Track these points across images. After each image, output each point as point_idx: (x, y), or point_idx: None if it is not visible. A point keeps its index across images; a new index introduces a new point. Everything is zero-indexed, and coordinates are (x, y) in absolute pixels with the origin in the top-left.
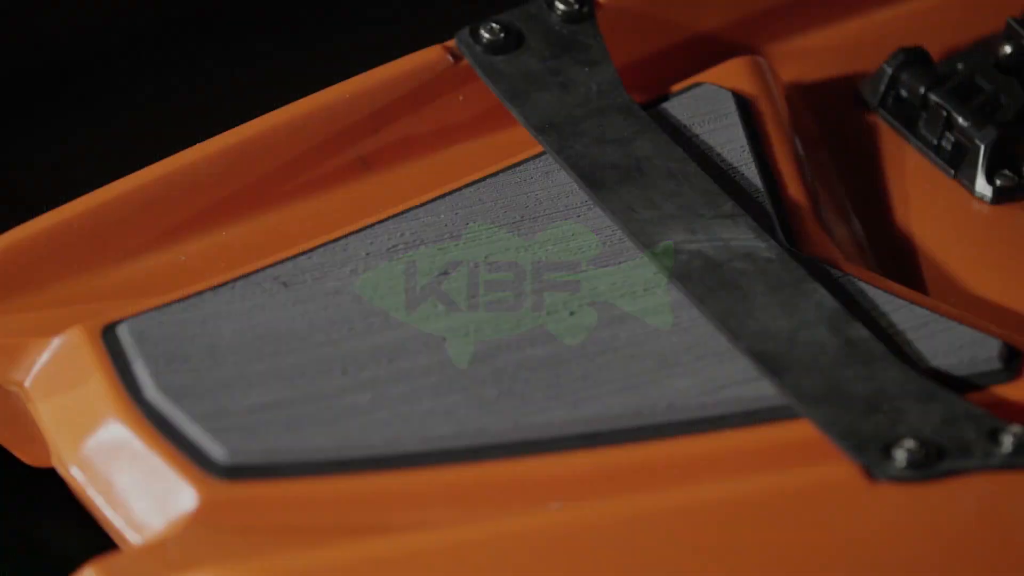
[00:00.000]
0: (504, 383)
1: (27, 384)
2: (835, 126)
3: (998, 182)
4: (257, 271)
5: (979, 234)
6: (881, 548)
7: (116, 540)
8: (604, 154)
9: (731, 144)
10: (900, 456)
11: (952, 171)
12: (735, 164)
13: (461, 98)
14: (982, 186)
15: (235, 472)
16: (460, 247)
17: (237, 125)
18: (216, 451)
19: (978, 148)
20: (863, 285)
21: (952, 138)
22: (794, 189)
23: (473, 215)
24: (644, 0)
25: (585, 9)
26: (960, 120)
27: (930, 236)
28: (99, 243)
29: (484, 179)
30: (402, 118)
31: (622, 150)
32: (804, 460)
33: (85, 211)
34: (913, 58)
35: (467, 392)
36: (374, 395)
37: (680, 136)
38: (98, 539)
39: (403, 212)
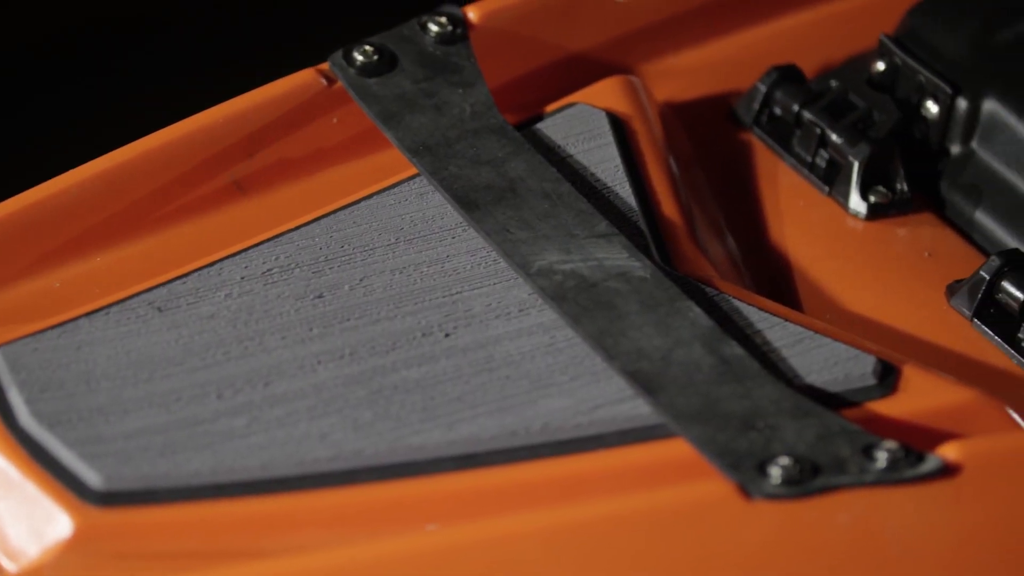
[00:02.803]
0: (379, 405)
1: None
2: (709, 144)
3: (872, 199)
4: (131, 296)
5: (854, 251)
6: (757, 566)
7: None
8: (478, 175)
9: (605, 164)
10: (775, 473)
11: (826, 188)
12: (609, 184)
13: (335, 121)
14: (856, 203)
15: (110, 498)
16: (335, 270)
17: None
18: (91, 477)
19: (852, 165)
20: (738, 303)
21: (826, 155)
22: (668, 208)
23: (348, 238)
24: (517, 21)
25: (458, 30)
26: (834, 137)
27: (805, 253)
28: None
29: (359, 201)
30: (277, 141)
31: (496, 171)
32: (680, 479)
33: None
34: (786, 76)
35: (342, 415)
36: (249, 419)
37: (554, 156)
38: None
39: (278, 235)
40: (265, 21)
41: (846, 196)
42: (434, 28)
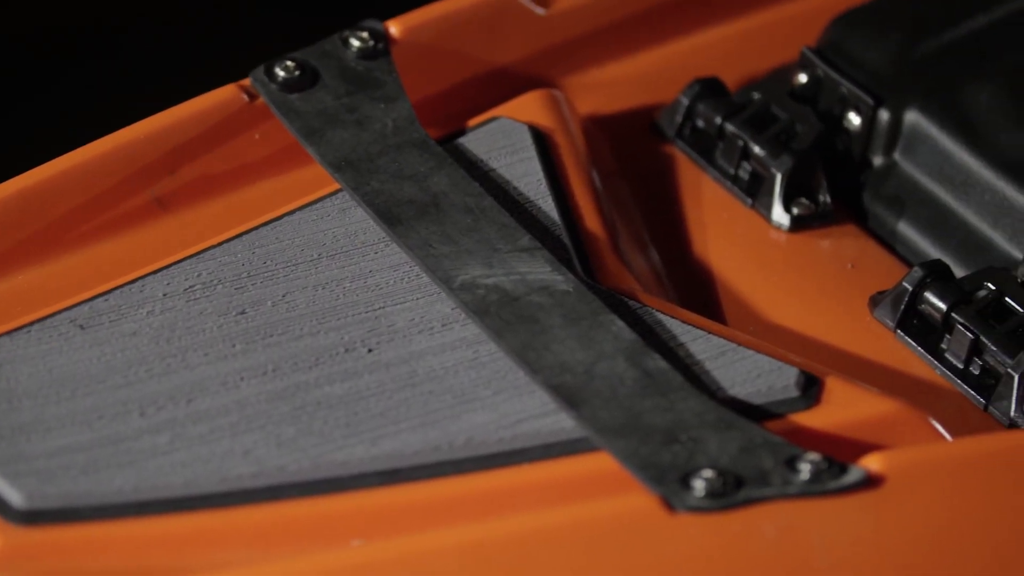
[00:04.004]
0: (303, 421)
1: None
2: (632, 157)
3: (795, 210)
4: (53, 314)
5: (777, 263)
6: None
7: None
8: (400, 190)
9: (528, 178)
10: (698, 486)
11: (749, 200)
12: (532, 198)
13: (257, 136)
14: (779, 215)
15: (33, 517)
16: (257, 286)
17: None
18: (13, 497)
19: (774, 177)
20: (661, 316)
21: (749, 167)
22: (591, 221)
23: (270, 254)
24: (439, 35)
25: (380, 45)
26: (756, 149)
27: (728, 266)
28: None
29: (281, 217)
30: (198, 158)
31: (418, 186)
32: (603, 492)
33: None
34: (709, 89)
35: (265, 431)
36: (172, 436)
37: (477, 171)
38: None
39: (200, 252)
40: (184, 37)
41: (769, 208)
42: (356, 43)
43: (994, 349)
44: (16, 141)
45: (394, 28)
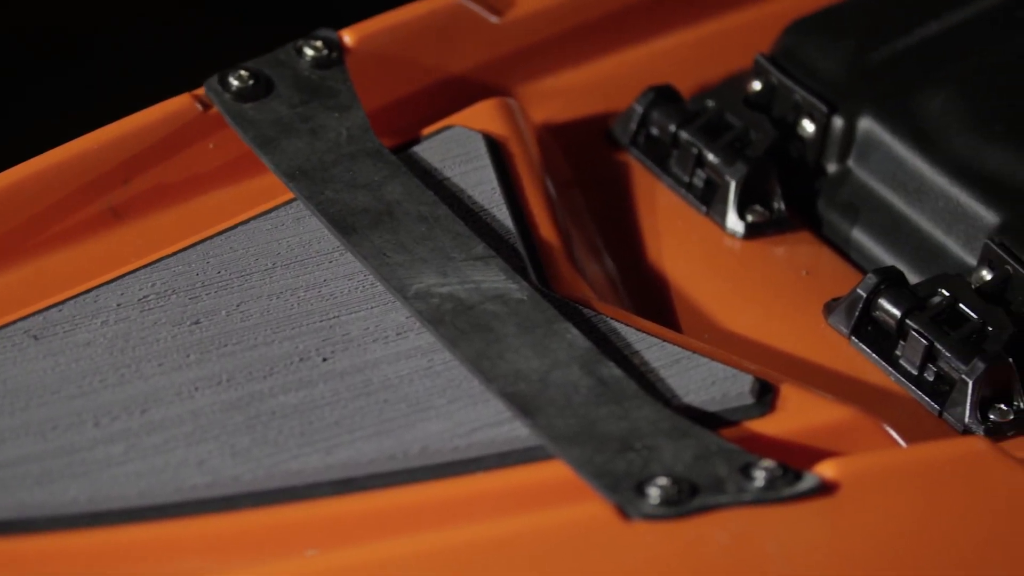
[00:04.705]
0: (257, 431)
1: None
2: (587, 165)
3: (749, 218)
4: (6, 325)
5: (731, 270)
6: None
7: None
8: (355, 199)
9: (482, 186)
10: (653, 494)
11: (704, 208)
12: (486, 206)
13: (212, 146)
14: (733, 222)
15: None
16: (212, 296)
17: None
18: None
19: (728, 184)
20: (616, 324)
21: (703, 175)
22: (545, 229)
23: (225, 263)
24: (393, 44)
25: (334, 54)
26: (710, 157)
27: (683, 273)
28: None
29: (235, 227)
30: (152, 167)
31: (372, 195)
32: (558, 501)
33: None
34: (663, 96)
35: (220, 441)
36: (127, 446)
37: (431, 179)
38: None
39: (154, 262)
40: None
41: (723, 216)
42: (310, 52)
43: (948, 355)
44: None
45: (348, 37)
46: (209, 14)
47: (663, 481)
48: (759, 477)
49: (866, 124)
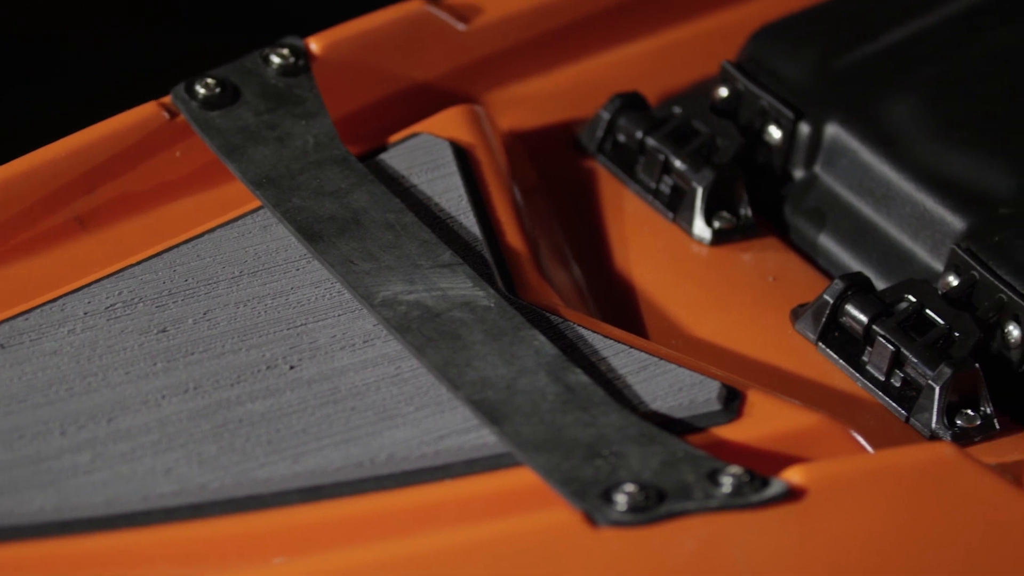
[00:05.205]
0: (224, 439)
1: None
2: (554, 172)
3: (716, 224)
4: None
5: (698, 276)
6: None
7: None
8: (322, 207)
9: (449, 193)
10: (621, 500)
11: (671, 214)
12: (453, 213)
13: (178, 154)
14: (700, 228)
15: None
16: (179, 304)
17: None
18: None
19: (695, 191)
20: (583, 330)
21: (670, 181)
22: (512, 237)
23: (191, 271)
24: (360, 51)
25: (300, 62)
26: (677, 163)
27: (650, 280)
28: None
29: (202, 235)
30: (118, 176)
31: (339, 202)
32: (526, 508)
33: None
34: (629, 103)
35: (187, 449)
36: (94, 455)
37: (398, 187)
38: None
39: (121, 270)
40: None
41: (690, 222)
42: (276, 60)
43: (915, 361)
44: None
45: (315, 45)
46: (175, 23)
47: (630, 488)
48: (726, 483)
49: (832, 130)
